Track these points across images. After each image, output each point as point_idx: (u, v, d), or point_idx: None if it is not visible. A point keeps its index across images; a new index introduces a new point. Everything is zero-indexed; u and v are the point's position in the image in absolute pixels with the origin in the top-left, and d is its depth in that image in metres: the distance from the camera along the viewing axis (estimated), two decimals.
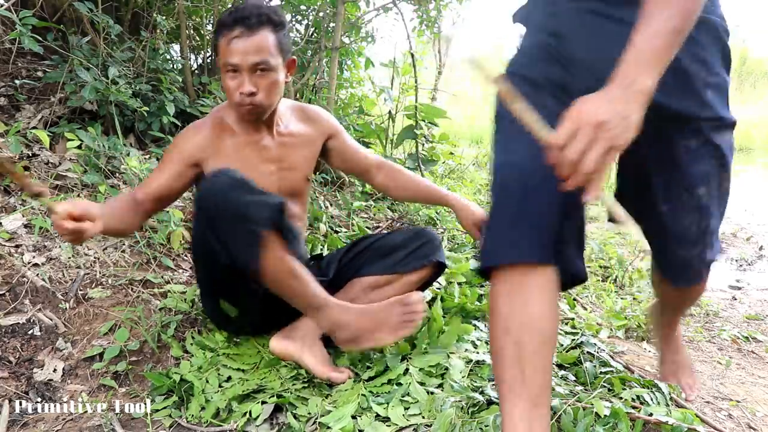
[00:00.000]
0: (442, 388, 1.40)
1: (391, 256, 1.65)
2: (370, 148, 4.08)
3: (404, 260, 1.64)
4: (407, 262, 1.64)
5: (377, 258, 1.66)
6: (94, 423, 1.31)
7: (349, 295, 1.61)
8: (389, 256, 1.65)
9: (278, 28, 1.44)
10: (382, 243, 1.69)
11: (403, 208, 3.39)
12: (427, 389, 1.39)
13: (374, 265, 1.65)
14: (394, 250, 1.66)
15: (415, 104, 3.85)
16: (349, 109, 4.24)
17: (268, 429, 1.29)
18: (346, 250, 1.74)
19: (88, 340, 1.59)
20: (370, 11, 4.07)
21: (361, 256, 1.70)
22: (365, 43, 4.22)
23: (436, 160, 4.06)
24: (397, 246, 1.66)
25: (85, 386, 1.45)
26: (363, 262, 1.68)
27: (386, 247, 1.67)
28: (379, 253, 1.67)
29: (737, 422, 1.39)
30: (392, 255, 1.65)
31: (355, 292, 1.62)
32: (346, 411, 1.29)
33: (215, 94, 3.26)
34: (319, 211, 2.84)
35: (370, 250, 1.69)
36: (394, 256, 1.65)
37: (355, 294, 1.62)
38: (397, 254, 1.65)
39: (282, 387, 1.41)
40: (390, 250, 1.66)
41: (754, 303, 2.45)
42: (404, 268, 1.64)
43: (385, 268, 1.64)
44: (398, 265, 1.64)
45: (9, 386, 1.39)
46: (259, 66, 1.41)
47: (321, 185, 3.44)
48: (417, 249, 1.65)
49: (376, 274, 1.64)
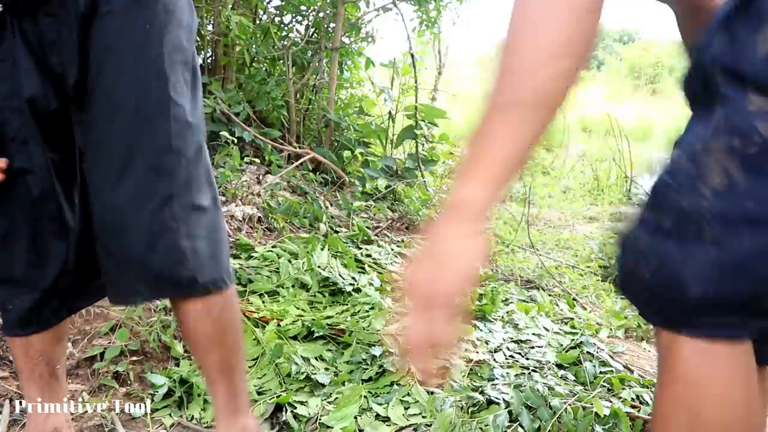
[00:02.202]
0: (442, 388, 1.40)
1: None
2: (370, 148, 4.09)
3: None
4: None
5: None
6: (95, 423, 1.31)
7: None
8: None
9: None
10: None
11: (403, 208, 3.40)
12: (427, 389, 1.39)
13: None
14: None
15: (415, 104, 3.85)
16: (349, 109, 4.24)
17: (269, 429, 1.29)
18: None
19: (89, 339, 1.59)
20: (370, 11, 4.07)
21: None
22: (365, 43, 4.22)
23: (436, 160, 4.07)
24: None
25: (85, 386, 1.45)
26: None
27: None
28: None
29: None
30: None
31: None
32: (349, 411, 1.29)
33: (215, 94, 3.26)
34: (319, 211, 2.84)
35: None
36: None
37: None
38: None
39: (282, 387, 1.42)
40: None
41: None
42: None
43: None
44: None
45: (9, 386, 1.40)
46: None
47: (321, 185, 3.44)
48: None
49: None
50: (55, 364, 1.08)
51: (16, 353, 1.05)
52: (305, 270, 2.08)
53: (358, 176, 3.59)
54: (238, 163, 2.89)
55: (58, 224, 0.97)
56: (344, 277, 2.08)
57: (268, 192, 2.89)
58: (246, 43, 3.63)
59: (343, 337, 1.66)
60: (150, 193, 0.88)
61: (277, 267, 2.10)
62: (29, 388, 1.07)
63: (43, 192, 0.94)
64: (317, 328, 1.68)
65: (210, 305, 0.94)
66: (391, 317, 1.79)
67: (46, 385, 1.08)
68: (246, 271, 2.04)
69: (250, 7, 3.80)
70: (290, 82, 3.62)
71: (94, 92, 0.89)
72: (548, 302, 2.19)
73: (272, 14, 4.04)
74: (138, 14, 0.87)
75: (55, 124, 0.94)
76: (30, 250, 0.96)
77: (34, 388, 1.07)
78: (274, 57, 3.86)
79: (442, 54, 6.63)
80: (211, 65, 3.73)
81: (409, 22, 4.26)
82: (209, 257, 0.93)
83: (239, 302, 1.81)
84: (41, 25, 0.88)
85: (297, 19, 4.06)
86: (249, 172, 3.07)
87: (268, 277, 2.04)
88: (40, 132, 0.93)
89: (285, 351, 1.54)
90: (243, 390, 1.04)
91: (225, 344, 0.97)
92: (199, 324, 0.94)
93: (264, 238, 2.52)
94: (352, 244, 2.57)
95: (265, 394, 1.39)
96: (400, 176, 3.75)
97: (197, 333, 0.95)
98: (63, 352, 1.11)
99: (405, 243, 2.75)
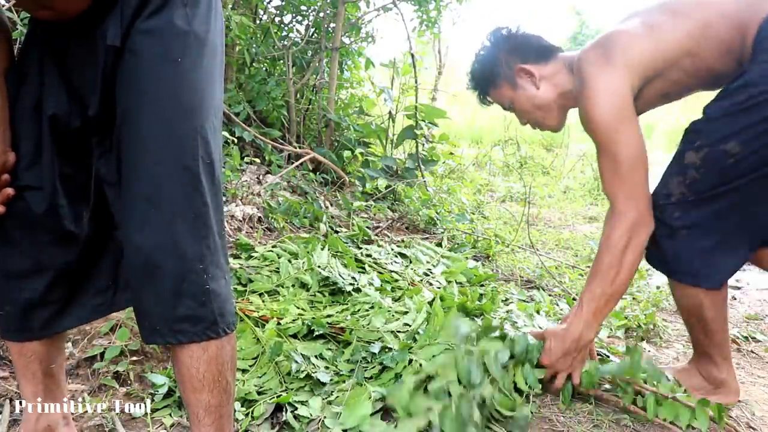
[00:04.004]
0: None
1: None
2: (370, 149, 4.09)
3: None
4: None
5: None
6: (95, 423, 1.31)
7: None
8: None
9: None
10: None
11: (403, 208, 3.40)
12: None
13: None
14: None
15: (415, 104, 3.85)
16: (349, 109, 4.24)
17: (269, 429, 1.29)
18: None
19: (89, 339, 1.59)
20: (370, 11, 4.07)
21: None
22: (365, 43, 4.22)
23: (436, 160, 4.07)
24: None
25: (86, 386, 1.45)
26: None
27: None
28: None
29: (737, 422, 1.40)
30: None
31: None
32: (362, 413, 1.28)
33: None
34: (319, 211, 2.84)
35: None
36: None
37: None
38: None
39: (282, 386, 1.42)
40: None
41: (753, 303, 2.45)
42: None
43: None
44: None
45: (10, 386, 1.40)
46: None
47: (321, 185, 3.44)
48: None
49: None
50: (49, 363, 1.08)
51: (12, 351, 1.06)
52: (305, 270, 2.08)
53: (358, 176, 3.59)
54: (238, 163, 2.89)
55: (56, 239, 0.97)
56: (344, 277, 2.08)
57: (268, 192, 2.89)
58: (246, 43, 3.63)
59: (344, 335, 1.66)
60: (179, 236, 0.87)
61: (277, 267, 2.10)
62: (24, 387, 1.08)
63: (48, 208, 0.94)
64: (317, 326, 1.68)
65: (209, 344, 0.92)
66: (392, 316, 1.79)
67: (40, 384, 1.08)
68: (246, 271, 2.04)
69: (250, 7, 3.80)
70: (290, 82, 3.62)
71: (122, 131, 0.87)
72: (548, 302, 2.19)
73: (272, 14, 4.04)
74: (171, 58, 0.86)
75: (75, 142, 0.94)
76: (24, 260, 0.96)
77: (28, 386, 1.07)
78: (274, 57, 3.85)
79: (442, 54, 6.63)
80: None
81: (409, 22, 4.26)
82: (227, 298, 0.94)
83: (240, 301, 1.81)
84: (71, 45, 0.88)
85: (297, 19, 4.06)
86: (249, 172, 3.08)
87: (268, 276, 2.04)
88: (56, 148, 0.93)
89: (285, 349, 1.54)
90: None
91: (219, 385, 0.95)
92: (194, 362, 0.92)
93: (264, 238, 2.52)
94: (352, 244, 2.57)
95: (266, 394, 1.39)
96: (400, 176, 3.75)
97: (191, 372, 0.93)
98: (58, 352, 1.11)
99: (405, 243, 2.75)
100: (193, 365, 0.92)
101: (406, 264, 2.46)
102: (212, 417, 0.95)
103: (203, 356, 0.92)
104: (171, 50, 0.86)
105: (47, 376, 1.08)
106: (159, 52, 0.86)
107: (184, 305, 0.88)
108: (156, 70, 0.86)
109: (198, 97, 0.89)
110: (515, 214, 3.78)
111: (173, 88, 0.86)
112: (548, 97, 1.46)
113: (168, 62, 0.86)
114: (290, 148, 3.38)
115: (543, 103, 1.47)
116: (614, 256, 1.31)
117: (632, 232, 1.30)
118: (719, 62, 1.28)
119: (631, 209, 1.29)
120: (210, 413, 0.95)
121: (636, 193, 1.30)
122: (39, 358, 1.06)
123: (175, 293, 0.87)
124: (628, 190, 1.30)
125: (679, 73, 1.32)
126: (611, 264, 1.31)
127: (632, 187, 1.30)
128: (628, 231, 1.29)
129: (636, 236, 1.30)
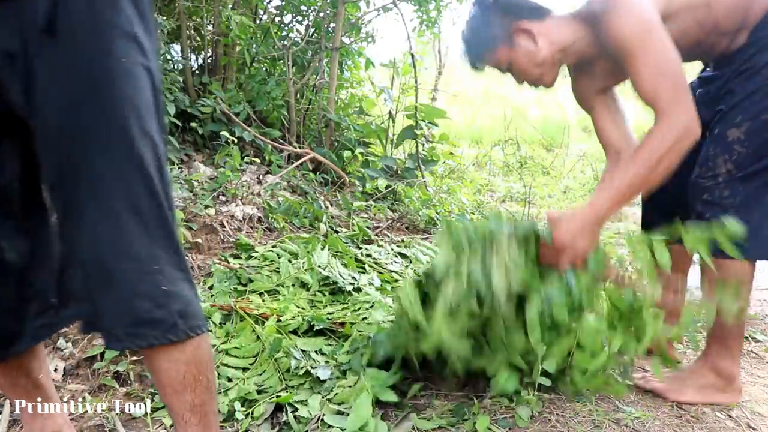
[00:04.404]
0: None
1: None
2: (370, 149, 4.09)
3: None
4: None
5: None
6: (95, 423, 1.31)
7: None
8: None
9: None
10: None
11: (404, 208, 3.40)
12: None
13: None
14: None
15: (415, 104, 3.85)
16: (349, 109, 4.24)
17: (269, 428, 1.29)
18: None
19: (89, 339, 1.59)
20: (370, 11, 4.07)
21: None
22: (365, 43, 4.22)
23: (436, 160, 4.07)
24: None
25: (86, 386, 1.45)
26: None
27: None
28: None
29: (737, 422, 1.40)
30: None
31: None
32: (363, 413, 1.28)
33: (215, 94, 3.26)
34: (319, 211, 2.84)
35: None
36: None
37: None
38: None
39: (282, 384, 1.42)
40: None
41: (753, 303, 2.44)
42: None
43: None
44: None
45: None
46: None
47: (321, 185, 3.44)
48: None
49: None
50: (36, 375, 1.06)
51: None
52: (305, 269, 2.08)
53: (358, 176, 3.59)
54: (238, 163, 2.89)
55: None
56: (344, 277, 2.08)
57: (268, 192, 2.89)
58: (246, 43, 3.63)
59: (344, 329, 1.66)
60: (132, 237, 0.83)
61: (278, 267, 2.10)
62: (17, 400, 1.07)
63: None
64: (317, 321, 1.68)
65: (185, 346, 0.90)
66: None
67: (32, 396, 1.07)
68: (246, 271, 2.05)
69: (251, 7, 3.81)
70: (290, 82, 3.62)
71: (43, 132, 0.81)
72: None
73: (272, 14, 4.05)
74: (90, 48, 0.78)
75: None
76: None
77: (22, 399, 1.06)
78: (275, 57, 3.86)
79: (442, 54, 6.63)
80: (212, 65, 3.73)
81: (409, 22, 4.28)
82: (189, 300, 0.90)
83: (240, 300, 1.81)
84: None
85: (297, 19, 4.06)
86: (249, 172, 3.08)
87: (268, 276, 2.04)
88: None
89: (284, 345, 1.54)
90: (216, 430, 0.99)
91: (201, 384, 0.93)
92: (173, 365, 0.90)
93: (264, 238, 2.52)
94: (352, 244, 2.57)
95: (266, 393, 1.39)
96: (400, 176, 3.76)
97: (170, 375, 0.90)
98: (41, 363, 1.09)
99: (405, 243, 2.75)
100: (173, 368, 0.90)
101: (406, 264, 2.46)
102: (198, 416, 0.94)
103: (181, 358, 0.90)
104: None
105: (36, 387, 1.07)
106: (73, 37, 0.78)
107: (141, 308, 0.84)
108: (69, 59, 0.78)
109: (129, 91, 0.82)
110: (515, 214, 3.78)
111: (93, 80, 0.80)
112: (547, 54, 1.46)
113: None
114: (290, 148, 3.38)
115: (542, 60, 1.46)
116: (654, 153, 1.26)
117: (681, 134, 1.25)
118: (727, 22, 1.35)
119: (682, 112, 1.26)
120: (196, 413, 0.94)
121: (683, 97, 1.27)
122: (25, 372, 1.05)
123: (130, 296, 0.83)
124: (675, 94, 1.26)
125: (689, 23, 1.37)
126: (651, 160, 1.26)
127: (678, 90, 1.27)
128: (677, 133, 1.25)
129: (683, 140, 1.26)
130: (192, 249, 2.21)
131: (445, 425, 1.31)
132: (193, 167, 2.93)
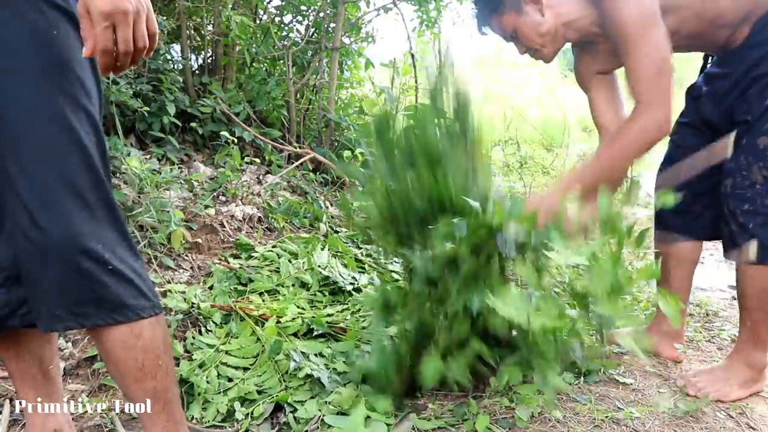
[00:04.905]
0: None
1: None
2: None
3: None
4: None
5: None
6: (95, 423, 1.31)
7: None
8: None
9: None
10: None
11: None
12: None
13: None
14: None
15: (415, 104, 3.85)
16: (349, 109, 4.24)
17: (269, 428, 1.29)
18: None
19: (89, 339, 1.59)
20: (370, 11, 4.07)
21: None
22: (365, 43, 4.22)
23: None
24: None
25: (85, 386, 1.45)
26: None
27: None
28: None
29: (737, 422, 1.40)
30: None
31: None
32: (358, 414, 1.28)
33: (215, 94, 3.26)
34: (319, 211, 2.84)
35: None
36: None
37: None
38: None
39: (281, 385, 1.42)
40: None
41: None
42: None
43: None
44: None
45: (10, 386, 1.40)
46: None
47: (321, 185, 3.44)
48: None
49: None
50: (48, 365, 1.06)
51: (7, 356, 1.03)
52: (305, 269, 2.08)
53: None
54: (238, 163, 2.89)
55: None
56: (344, 277, 2.08)
57: (268, 192, 2.89)
58: (246, 43, 3.63)
59: (345, 336, 1.66)
60: (74, 216, 0.82)
61: (278, 267, 2.10)
62: (24, 392, 1.06)
63: None
64: (317, 326, 1.68)
65: (140, 329, 0.88)
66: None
67: (41, 387, 1.06)
68: (246, 271, 2.04)
69: (250, 7, 3.80)
70: (290, 82, 3.62)
71: None
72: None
73: (272, 14, 4.04)
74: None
75: None
76: None
77: (29, 390, 1.05)
78: (274, 57, 3.85)
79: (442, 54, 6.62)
80: (211, 65, 3.73)
81: (409, 22, 4.26)
82: (139, 282, 0.89)
83: (240, 300, 1.81)
84: None
85: (297, 19, 4.06)
86: (249, 172, 3.07)
87: (268, 276, 2.04)
88: None
89: (284, 347, 1.54)
90: (181, 414, 0.99)
91: (161, 369, 0.91)
92: (129, 353, 0.88)
93: (264, 238, 2.52)
94: (352, 244, 2.57)
95: (265, 393, 1.39)
96: None
97: (128, 363, 0.89)
98: (54, 353, 1.09)
99: None
100: (130, 356, 0.88)
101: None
102: (161, 402, 0.93)
103: (138, 344, 0.88)
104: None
105: (46, 378, 1.07)
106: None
107: (85, 287, 0.83)
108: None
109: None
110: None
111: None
112: (552, 25, 1.48)
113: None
114: (290, 148, 3.38)
115: (547, 31, 1.48)
116: (623, 146, 1.36)
117: (655, 134, 1.33)
118: (730, 14, 1.37)
119: (661, 111, 1.32)
120: (158, 399, 0.93)
121: (664, 98, 1.32)
122: (38, 360, 1.04)
123: (73, 275, 0.82)
124: (659, 92, 1.32)
125: (691, 11, 1.39)
126: (623, 151, 1.37)
127: (661, 90, 1.32)
128: (646, 128, 1.32)
129: (653, 136, 1.33)
130: (192, 249, 2.21)
131: (444, 425, 1.31)
132: (193, 167, 2.93)
